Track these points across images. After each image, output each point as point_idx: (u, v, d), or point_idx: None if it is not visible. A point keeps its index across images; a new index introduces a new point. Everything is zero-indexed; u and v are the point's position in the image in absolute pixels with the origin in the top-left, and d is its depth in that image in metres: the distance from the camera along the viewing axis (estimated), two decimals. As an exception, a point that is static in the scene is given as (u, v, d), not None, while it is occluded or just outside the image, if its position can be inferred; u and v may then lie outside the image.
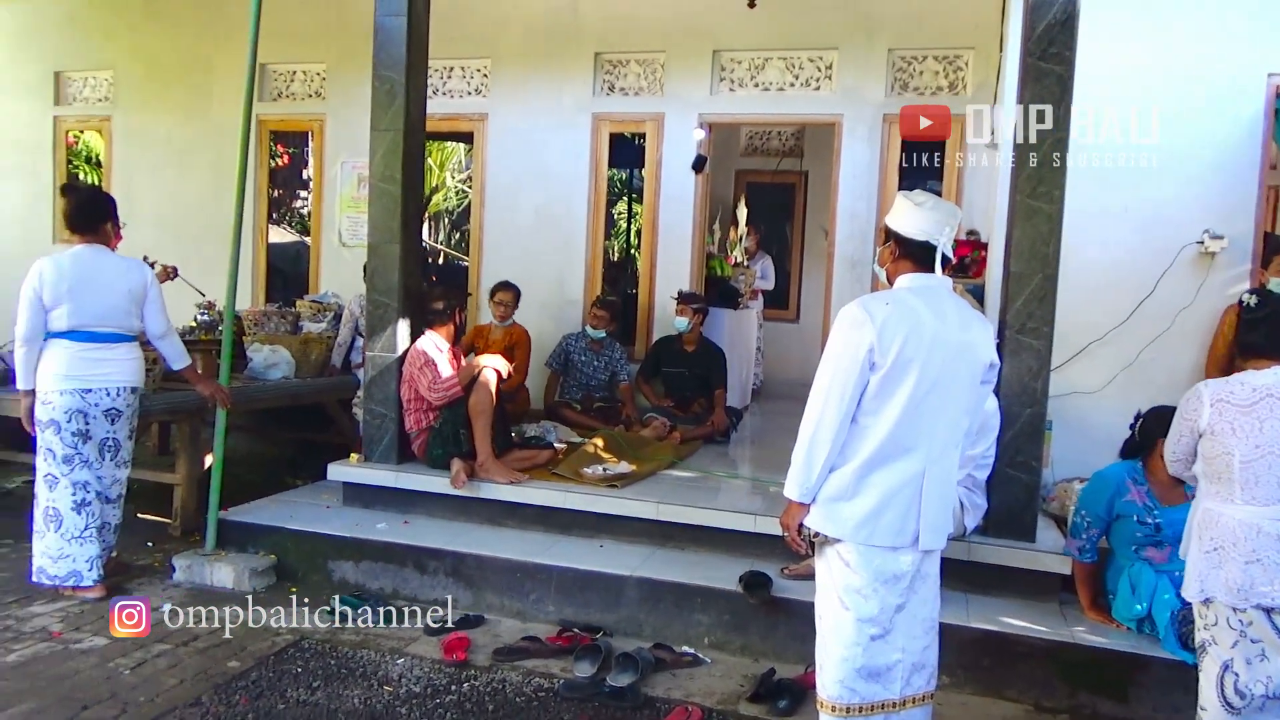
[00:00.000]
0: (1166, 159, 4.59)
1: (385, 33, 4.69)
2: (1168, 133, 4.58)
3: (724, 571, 3.85)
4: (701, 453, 5.51)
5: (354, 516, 4.54)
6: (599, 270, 6.97)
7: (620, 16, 6.73)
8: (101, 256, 4.03)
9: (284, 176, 10.72)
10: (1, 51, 8.28)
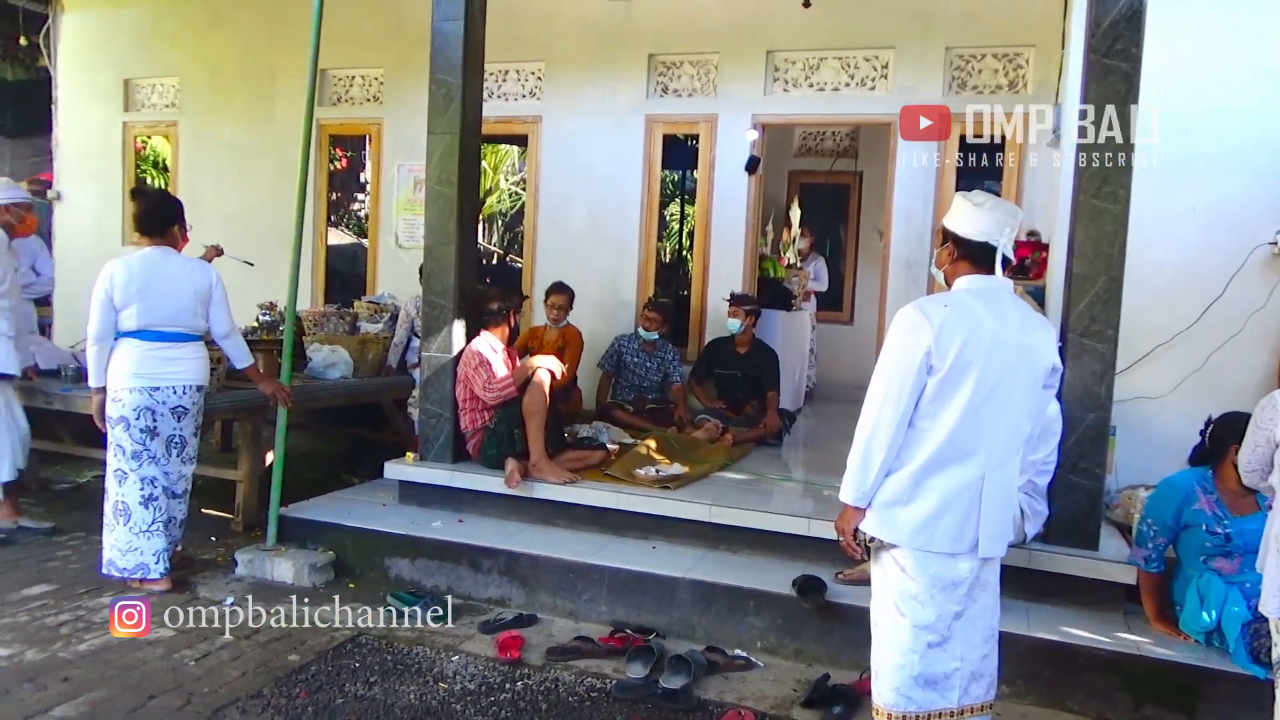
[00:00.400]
0: (1236, 157, 4.47)
1: (442, 37, 4.76)
2: (1237, 130, 4.45)
3: (777, 575, 3.83)
4: (754, 455, 5.48)
5: (410, 514, 4.61)
6: (651, 271, 6.97)
7: (674, 18, 6.74)
8: (169, 258, 4.15)
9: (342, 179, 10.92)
10: (75, 60, 8.56)
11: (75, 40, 8.56)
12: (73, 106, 8.61)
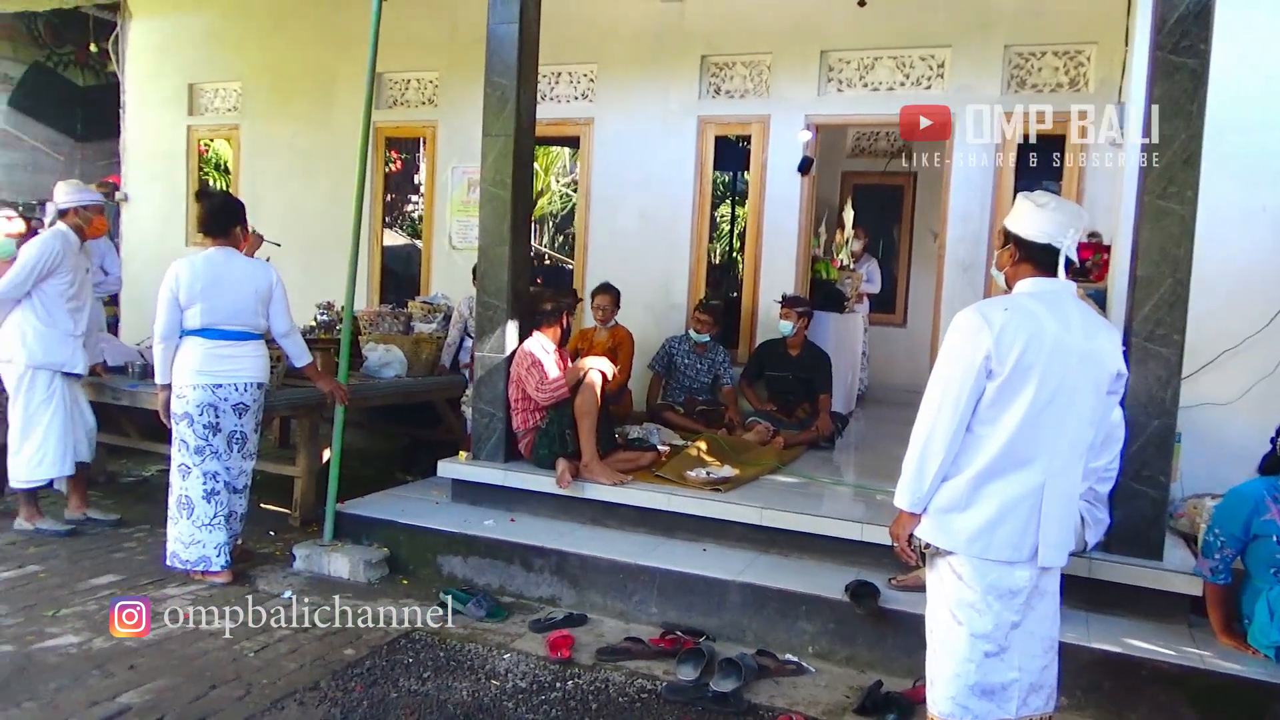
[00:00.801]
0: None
1: (497, 40, 4.80)
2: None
3: (829, 580, 3.79)
4: (805, 458, 5.44)
5: (462, 513, 4.66)
6: (702, 273, 6.96)
7: (727, 19, 6.72)
8: (231, 258, 4.25)
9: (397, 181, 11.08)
10: (142, 66, 8.81)
11: (142, 46, 8.82)
12: (139, 111, 8.87)
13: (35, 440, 4.65)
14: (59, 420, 4.70)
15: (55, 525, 4.73)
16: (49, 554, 4.44)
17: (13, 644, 3.43)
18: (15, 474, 4.66)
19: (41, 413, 4.65)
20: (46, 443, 4.66)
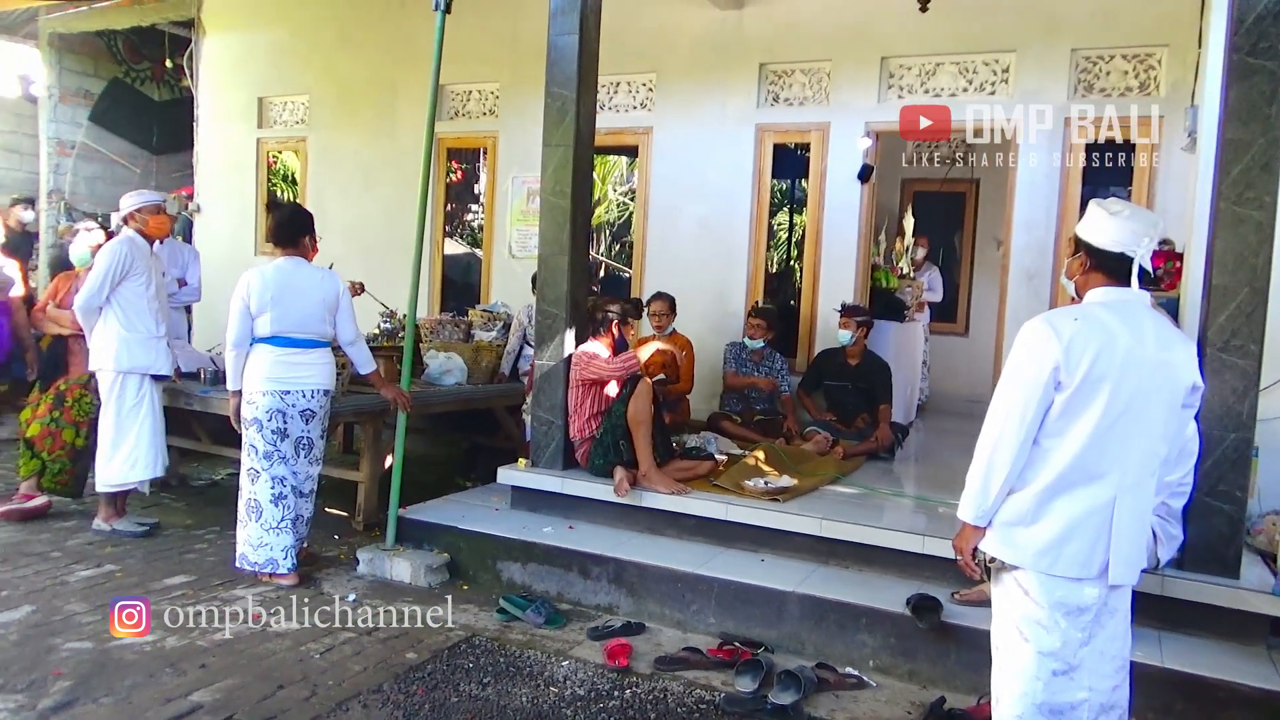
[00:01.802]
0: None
1: (558, 51, 4.85)
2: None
3: (890, 593, 3.74)
4: (865, 469, 5.38)
5: (521, 519, 4.70)
6: (760, 281, 6.94)
7: (785, 26, 6.70)
8: (300, 268, 4.36)
9: (457, 191, 11.25)
10: (214, 81, 9.10)
11: (215, 62, 9.10)
12: (212, 124, 9.15)
13: (129, 444, 4.78)
14: (149, 423, 4.86)
15: (130, 525, 4.87)
16: (125, 554, 4.60)
17: (91, 641, 3.55)
18: (108, 477, 4.80)
19: (133, 417, 4.80)
20: (139, 446, 4.81)
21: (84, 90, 10.24)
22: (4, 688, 3.15)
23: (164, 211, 5.04)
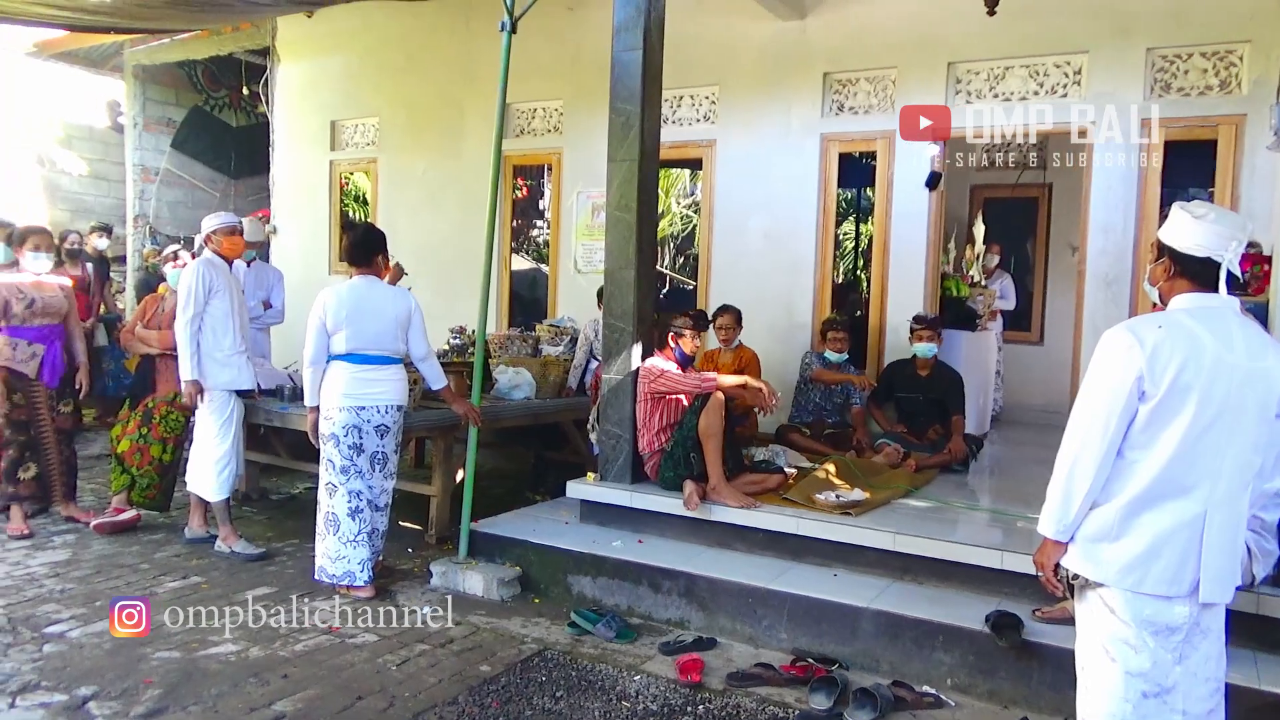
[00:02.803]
0: None
1: (622, 67, 4.90)
2: None
3: (968, 609, 3.66)
4: (939, 482, 5.27)
5: (591, 533, 4.72)
6: (828, 292, 6.87)
7: (850, 35, 6.65)
8: (374, 286, 4.47)
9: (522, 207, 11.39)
10: (289, 106, 9.39)
11: (289, 88, 9.40)
12: (287, 148, 9.45)
13: (222, 458, 4.92)
14: (238, 437, 5.02)
15: (247, 548, 4.93)
16: (210, 566, 4.75)
17: (179, 650, 3.67)
18: (204, 490, 4.94)
19: (225, 431, 4.94)
20: (231, 459, 4.95)
21: (166, 119, 10.67)
22: (100, 695, 3.27)
23: (238, 232, 5.20)
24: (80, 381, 5.47)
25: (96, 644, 3.70)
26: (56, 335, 5.28)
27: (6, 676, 3.38)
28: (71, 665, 3.50)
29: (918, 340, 5.76)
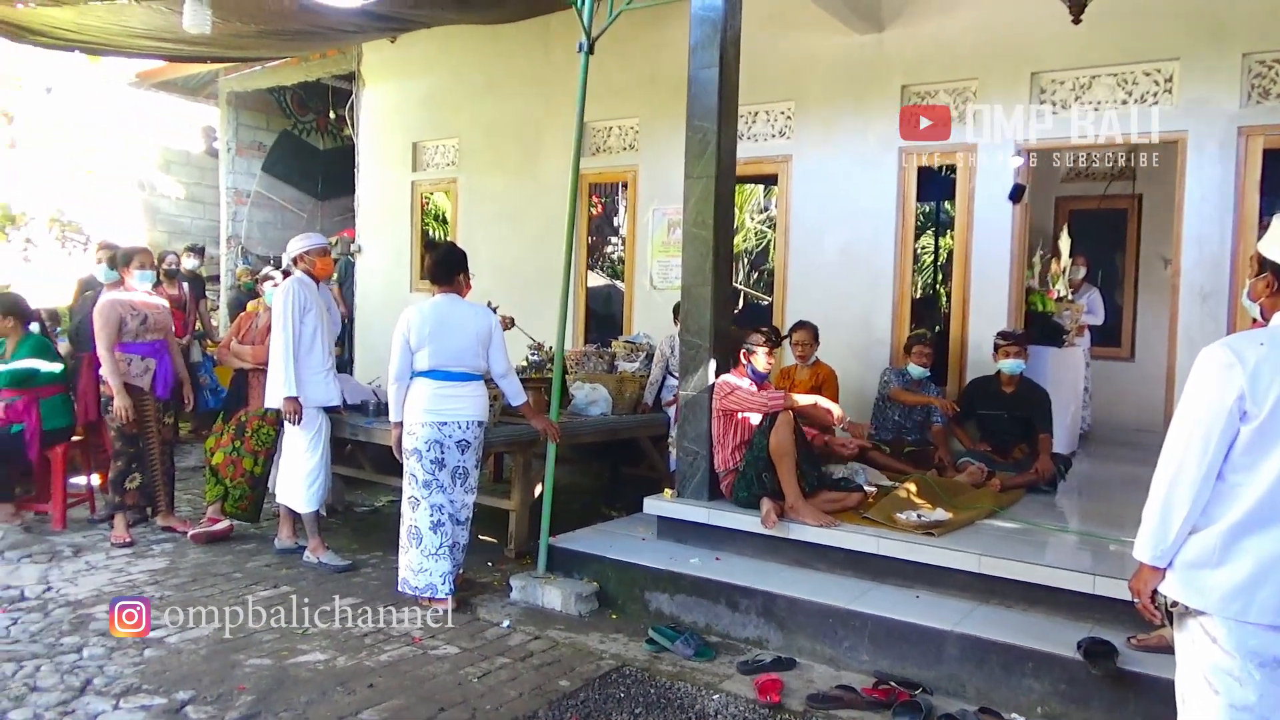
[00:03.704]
0: None
1: (698, 85, 4.92)
2: None
3: (1059, 635, 3.54)
4: (1025, 502, 5.12)
5: (668, 550, 4.72)
6: (907, 308, 6.76)
7: (928, 46, 6.56)
8: (455, 304, 4.57)
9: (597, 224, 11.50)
10: (373, 129, 9.68)
11: (373, 111, 9.69)
12: (370, 169, 9.73)
13: (311, 471, 5.07)
14: (326, 451, 5.17)
15: (334, 560, 5.08)
16: (298, 576, 4.89)
17: (270, 658, 3.79)
18: (294, 503, 5.10)
19: (315, 445, 5.09)
20: (320, 472, 5.10)
21: (257, 143, 11.11)
22: (197, 699, 3.40)
23: (329, 254, 5.39)
24: (186, 396, 5.72)
25: (193, 649, 3.85)
26: (164, 350, 5.53)
27: (110, 679, 3.53)
28: (170, 669, 3.64)
29: (1003, 356, 5.61)
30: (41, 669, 3.59)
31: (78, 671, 3.58)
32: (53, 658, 3.70)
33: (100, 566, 4.93)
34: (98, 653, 3.76)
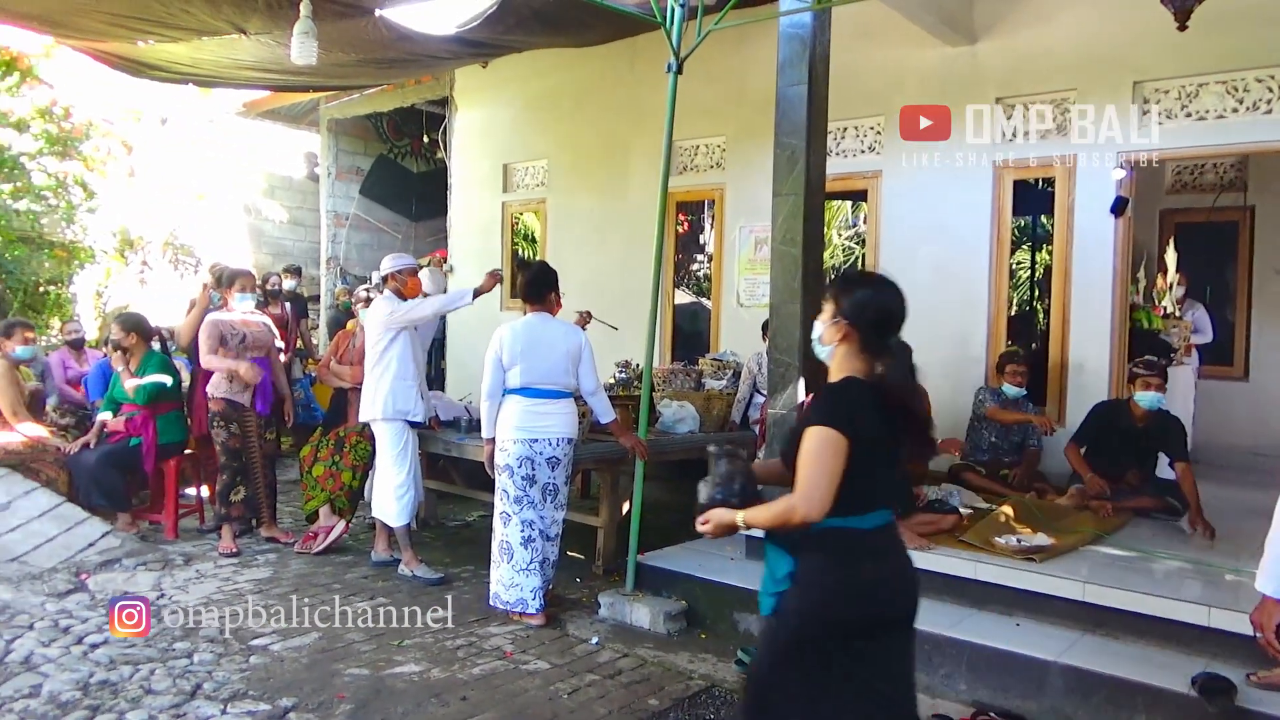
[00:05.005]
0: None
1: (787, 102, 4.90)
2: None
3: (1171, 670, 3.38)
4: (1132, 528, 4.90)
5: (757, 570, 4.60)
6: (1003, 324, 6.58)
7: (1024, 57, 6.40)
8: (546, 323, 4.64)
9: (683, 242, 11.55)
10: (465, 151, 9.92)
11: (465, 134, 9.93)
12: (462, 191, 9.97)
13: (401, 485, 5.19)
14: (415, 465, 5.29)
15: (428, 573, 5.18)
16: (393, 588, 5.01)
17: (368, 668, 3.89)
18: (387, 516, 5.23)
19: (402, 459, 5.22)
20: (410, 486, 5.23)
21: (355, 167, 11.52)
22: (299, 706, 3.51)
23: (418, 274, 5.57)
24: (286, 412, 5.95)
25: (295, 657, 3.97)
26: (265, 367, 5.76)
27: (219, 684, 3.68)
28: (274, 676, 3.77)
29: (1143, 388, 5.23)
30: (155, 672, 3.75)
31: (189, 676, 3.74)
32: (165, 662, 3.86)
33: (209, 575, 5.15)
34: (207, 658, 3.92)
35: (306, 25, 5.24)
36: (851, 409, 2.29)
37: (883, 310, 2.41)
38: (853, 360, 2.40)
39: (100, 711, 3.40)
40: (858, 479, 2.22)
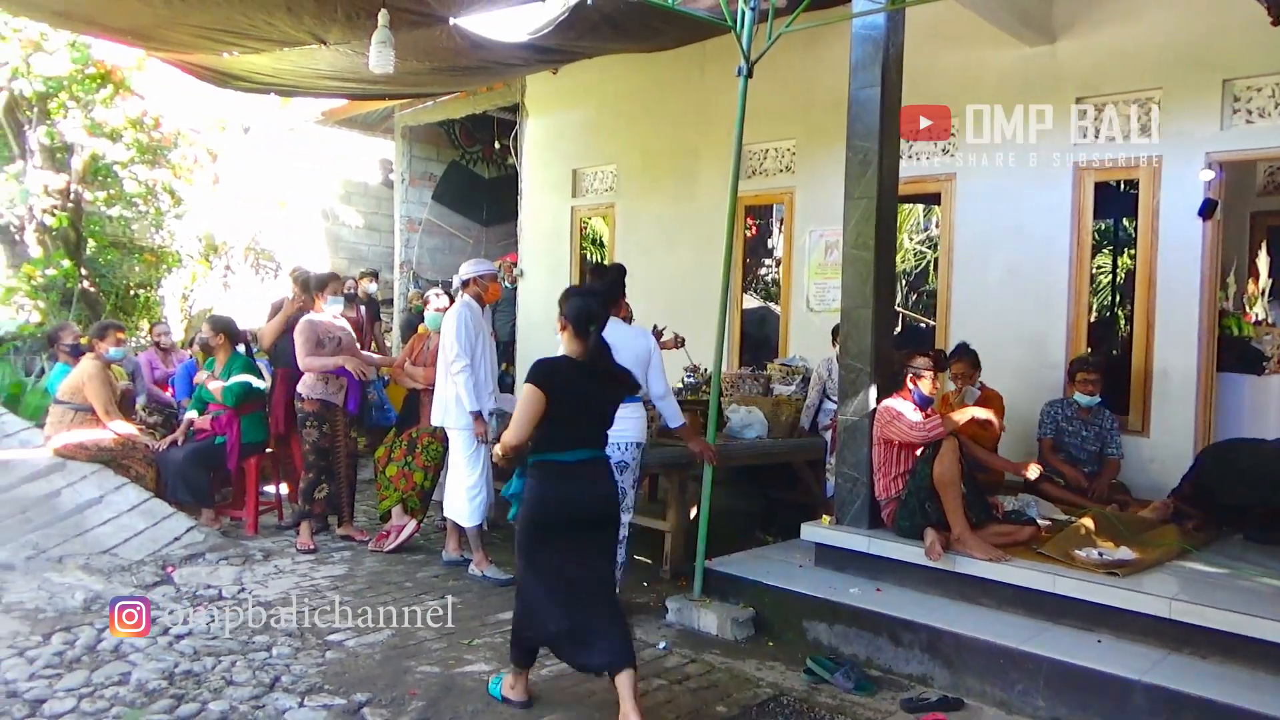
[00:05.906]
0: None
1: (859, 105, 4.85)
2: None
3: (1267, 694, 3.24)
4: (1223, 542, 4.72)
5: (826, 578, 4.62)
6: (1083, 330, 6.38)
7: (1106, 55, 6.21)
8: (616, 326, 4.63)
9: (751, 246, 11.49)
10: (535, 157, 10.03)
11: (535, 140, 10.04)
12: (533, 196, 10.08)
13: (473, 486, 5.27)
14: (487, 467, 5.35)
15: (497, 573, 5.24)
16: (464, 588, 5.09)
17: (439, 666, 3.96)
18: (459, 516, 5.32)
19: (474, 462, 5.28)
20: (482, 488, 5.30)
21: (428, 173, 11.73)
22: (373, 701, 3.59)
23: (499, 280, 5.62)
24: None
25: (369, 654, 4.06)
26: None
27: (296, 677, 3.78)
28: (349, 671, 3.86)
29: None
30: (236, 664, 3.87)
31: (268, 668, 3.85)
32: (246, 654, 3.99)
33: (287, 570, 5.29)
34: (285, 651, 4.03)
35: (384, 35, 5.36)
36: (551, 373, 3.39)
37: (582, 311, 3.51)
38: (570, 343, 3.51)
39: (184, 701, 3.51)
40: (557, 423, 3.33)
